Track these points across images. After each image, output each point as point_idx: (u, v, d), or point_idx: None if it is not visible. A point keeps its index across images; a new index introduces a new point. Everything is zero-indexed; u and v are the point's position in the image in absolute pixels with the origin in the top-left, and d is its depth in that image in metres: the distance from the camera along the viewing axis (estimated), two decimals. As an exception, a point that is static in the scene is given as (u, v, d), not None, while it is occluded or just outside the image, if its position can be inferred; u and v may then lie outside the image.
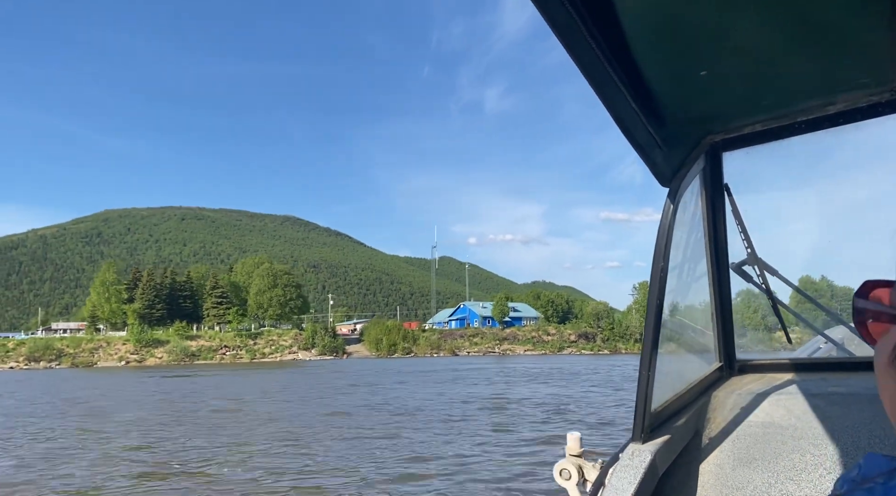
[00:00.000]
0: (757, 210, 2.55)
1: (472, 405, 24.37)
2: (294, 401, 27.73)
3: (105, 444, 16.30)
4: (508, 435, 16.45)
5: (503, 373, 47.83)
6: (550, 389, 31.21)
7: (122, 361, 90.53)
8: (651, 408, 1.81)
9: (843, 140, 2.11)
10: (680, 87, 1.70)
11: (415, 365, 67.17)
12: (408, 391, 32.46)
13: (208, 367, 75.33)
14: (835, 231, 2.70)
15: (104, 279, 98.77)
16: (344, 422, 19.99)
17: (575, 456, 1.91)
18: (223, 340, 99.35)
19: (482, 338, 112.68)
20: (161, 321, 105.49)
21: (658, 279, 1.82)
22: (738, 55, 1.53)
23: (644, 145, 1.76)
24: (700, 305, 2.60)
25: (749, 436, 2.03)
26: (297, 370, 60.68)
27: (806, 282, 2.87)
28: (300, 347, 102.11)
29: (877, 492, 0.57)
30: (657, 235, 1.85)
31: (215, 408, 25.22)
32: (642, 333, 1.91)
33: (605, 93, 1.47)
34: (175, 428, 19.39)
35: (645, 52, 1.44)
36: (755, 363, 2.65)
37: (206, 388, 38.08)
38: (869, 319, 0.63)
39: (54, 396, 34.12)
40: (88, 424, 20.75)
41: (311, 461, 13.30)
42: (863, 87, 1.84)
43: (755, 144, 2.24)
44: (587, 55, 1.31)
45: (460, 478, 11.50)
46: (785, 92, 1.87)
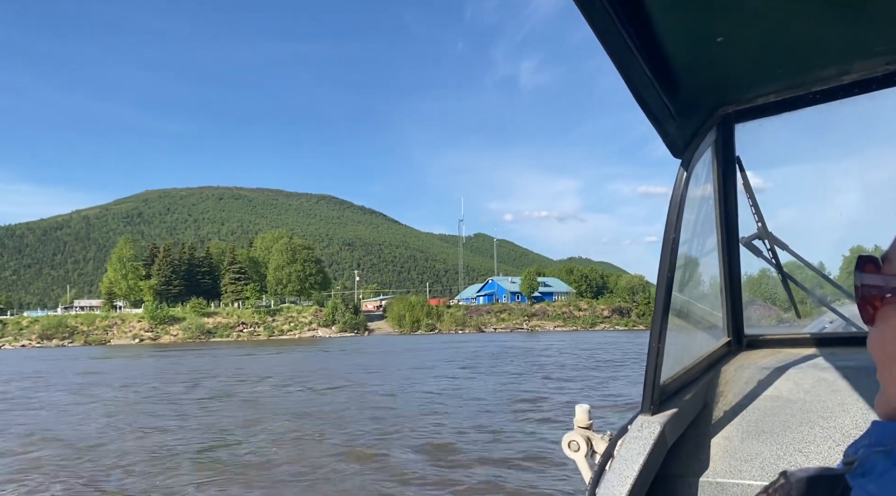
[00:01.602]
0: (769, 183, 2.56)
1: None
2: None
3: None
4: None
5: (527, 353, 42.70)
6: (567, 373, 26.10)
7: (135, 339, 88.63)
8: (660, 381, 1.80)
9: (858, 111, 2.07)
10: (695, 55, 1.65)
11: (428, 342, 62.73)
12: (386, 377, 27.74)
13: (222, 345, 72.77)
14: (848, 205, 2.55)
15: (121, 255, 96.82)
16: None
17: (583, 428, 1.90)
18: (241, 317, 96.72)
19: (510, 313, 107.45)
20: (179, 298, 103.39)
21: (669, 252, 1.80)
22: (754, 21, 1.49)
23: (658, 115, 1.74)
24: (709, 279, 2.58)
25: (758, 410, 2.04)
26: (298, 349, 56.86)
27: (816, 257, 2.73)
28: (320, 324, 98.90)
29: (894, 455, 0.56)
30: (668, 208, 1.84)
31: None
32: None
33: (620, 60, 1.44)
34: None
35: (661, 18, 1.40)
36: (764, 338, 2.64)
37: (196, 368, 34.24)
38: (882, 295, 0.61)
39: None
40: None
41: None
42: (879, 55, 1.77)
43: (768, 116, 2.21)
44: (603, 20, 1.28)
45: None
46: (800, 60, 1.81)
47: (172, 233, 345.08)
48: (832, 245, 2.94)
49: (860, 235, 2.67)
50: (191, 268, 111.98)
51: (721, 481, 1.86)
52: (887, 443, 0.58)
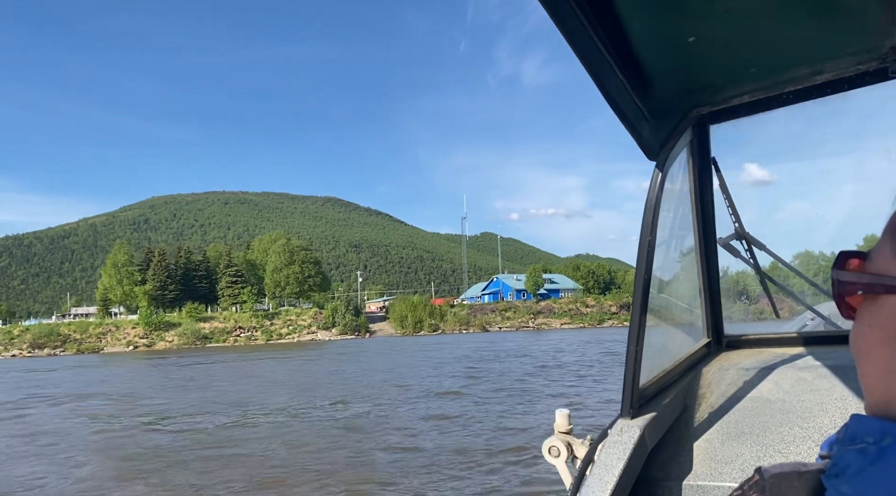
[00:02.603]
0: (745, 183, 2.58)
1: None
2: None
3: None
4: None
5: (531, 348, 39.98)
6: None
7: (129, 346, 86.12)
8: (640, 385, 1.80)
9: (830, 110, 2.11)
10: (667, 57, 1.65)
11: (428, 343, 60.03)
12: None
13: (217, 350, 70.40)
14: (822, 204, 2.64)
15: (115, 260, 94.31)
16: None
17: (564, 433, 1.91)
18: (238, 321, 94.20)
19: (515, 312, 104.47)
20: (175, 303, 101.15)
21: (645, 254, 1.79)
22: (725, 21, 1.48)
23: (631, 118, 1.72)
24: (688, 280, 2.57)
25: (738, 411, 2.04)
26: (285, 354, 54.35)
27: (794, 256, 2.79)
28: (319, 327, 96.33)
29: (870, 453, 0.55)
30: (644, 210, 1.83)
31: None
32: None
33: (591, 64, 1.42)
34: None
35: (632, 21, 1.40)
36: (743, 338, 2.65)
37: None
38: (856, 291, 0.61)
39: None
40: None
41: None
42: (850, 55, 1.81)
43: (742, 116, 2.23)
44: (574, 25, 1.26)
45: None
46: (772, 60, 1.83)
47: (179, 238, 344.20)
48: (809, 244, 2.95)
49: (836, 233, 2.70)
50: (187, 272, 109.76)
51: (702, 484, 1.84)
52: (863, 440, 0.57)
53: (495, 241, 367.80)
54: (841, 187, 2.58)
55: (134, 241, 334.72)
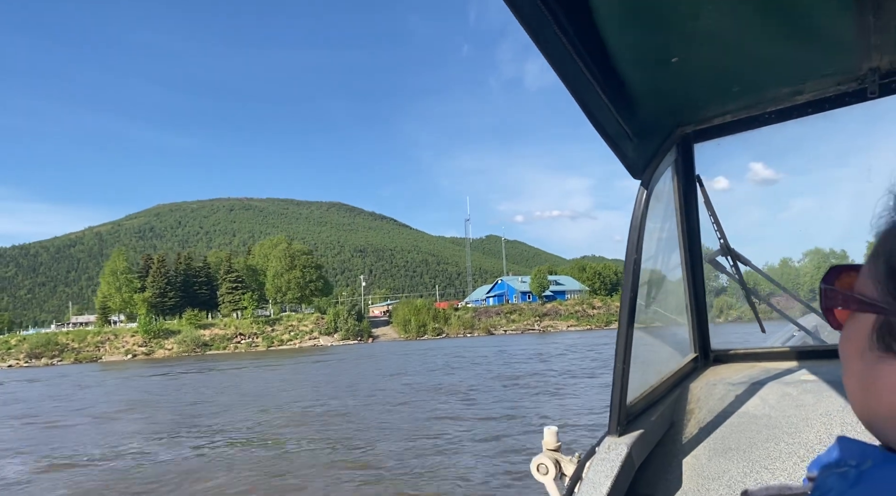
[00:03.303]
0: (729, 200, 2.64)
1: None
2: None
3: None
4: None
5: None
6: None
7: (128, 354, 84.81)
8: (627, 401, 1.82)
9: (811, 130, 2.16)
10: (651, 77, 1.67)
11: (429, 348, 58.45)
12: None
13: (218, 358, 69.06)
14: (805, 220, 3.06)
15: (114, 267, 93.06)
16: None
17: (552, 450, 1.91)
18: (238, 328, 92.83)
19: (520, 314, 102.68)
20: (175, 310, 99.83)
21: (631, 272, 1.82)
22: (709, 41, 1.50)
23: (615, 138, 1.72)
24: (674, 296, 2.61)
25: (724, 427, 2.06)
26: (275, 362, 52.93)
27: (778, 271, 2.89)
28: (321, 332, 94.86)
29: (850, 477, 0.56)
30: (629, 228, 1.86)
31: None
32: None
33: (574, 85, 1.41)
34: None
35: (614, 40, 1.40)
36: (730, 353, 2.69)
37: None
38: (835, 305, 0.63)
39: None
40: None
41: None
42: (830, 76, 1.86)
43: (726, 135, 2.27)
44: (555, 46, 1.24)
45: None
46: (755, 80, 1.87)
47: (184, 246, 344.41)
48: (792, 258, 3.07)
49: (819, 249, 2.83)
50: (187, 278, 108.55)
51: None
52: (846, 463, 0.58)
53: (500, 243, 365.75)
54: (823, 203, 2.61)
55: (139, 248, 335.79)
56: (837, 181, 2.43)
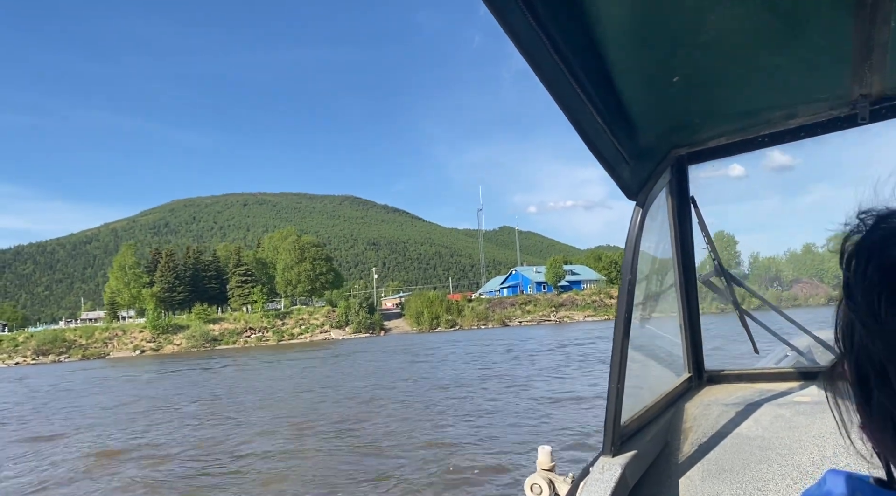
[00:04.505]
0: (723, 222, 2.78)
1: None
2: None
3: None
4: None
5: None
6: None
7: (136, 350, 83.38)
8: (621, 421, 1.82)
9: (804, 154, 2.20)
10: (647, 100, 1.69)
11: (441, 341, 56.25)
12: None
13: (227, 353, 67.45)
14: (797, 242, 2.75)
15: (122, 262, 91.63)
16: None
17: (546, 470, 1.90)
18: (248, 322, 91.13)
19: (535, 305, 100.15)
20: (184, 305, 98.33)
21: (626, 292, 1.83)
22: (705, 65, 1.53)
23: (611, 161, 1.73)
24: (669, 317, 2.65)
25: (718, 448, 2.05)
26: (277, 357, 51.07)
27: (771, 292, 2.90)
28: (332, 326, 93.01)
29: None
30: (625, 248, 1.89)
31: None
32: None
33: (571, 110, 1.41)
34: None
35: (610, 66, 1.41)
36: (724, 373, 2.71)
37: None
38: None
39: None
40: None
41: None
42: (823, 101, 1.88)
43: (720, 158, 2.31)
44: (550, 68, 1.22)
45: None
46: (748, 103, 1.89)
47: (199, 241, 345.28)
48: (784, 279, 3.50)
49: (809, 271, 2.66)
50: (196, 272, 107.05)
51: None
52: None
53: (513, 234, 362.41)
54: (815, 227, 2.53)
55: (154, 244, 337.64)
56: (831, 204, 2.05)
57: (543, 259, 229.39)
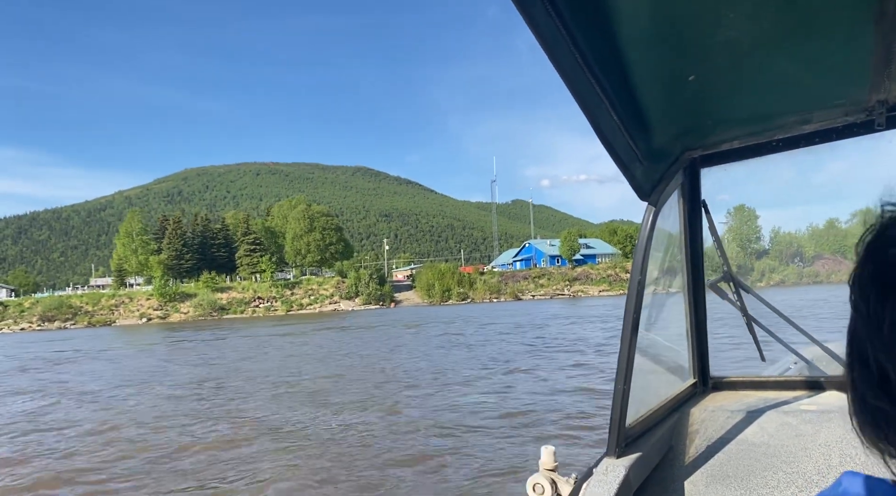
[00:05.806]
0: (734, 226, 2.64)
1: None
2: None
3: None
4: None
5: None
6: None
7: (143, 318, 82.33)
8: (626, 423, 1.82)
9: (818, 159, 2.16)
10: (663, 99, 1.69)
11: (452, 314, 54.36)
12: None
13: (235, 322, 66.24)
14: (809, 249, 2.65)
15: (129, 229, 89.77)
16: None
17: (549, 470, 1.88)
18: (257, 291, 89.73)
19: (549, 279, 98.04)
20: (191, 272, 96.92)
21: (635, 293, 1.83)
22: (722, 65, 1.52)
23: (625, 159, 1.72)
24: (676, 321, 2.63)
25: (722, 453, 2.04)
26: (270, 329, 49.45)
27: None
28: (342, 297, 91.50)
29: None
30: (635, 249, 1.89)
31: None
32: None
33: (588, 105, 1.41)
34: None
35: (628, 64, 1.41)
36: (729, 380, 2.69)
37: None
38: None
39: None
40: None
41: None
42: (838, 106, 1.87)
43: (733, 161, 2.28)
44: (570, 65, 1.24)
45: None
46: (763, 107, 1.89)
47: (212, 209, 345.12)
48: (794, 286, 2.80)
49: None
50: (204, 240, 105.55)
51: None
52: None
53: (527, 208, 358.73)
54: (827, 233, 2.48)
55: (167, 212, 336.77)
56: (843, 210, 1.94)
57: (556, 233, 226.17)
